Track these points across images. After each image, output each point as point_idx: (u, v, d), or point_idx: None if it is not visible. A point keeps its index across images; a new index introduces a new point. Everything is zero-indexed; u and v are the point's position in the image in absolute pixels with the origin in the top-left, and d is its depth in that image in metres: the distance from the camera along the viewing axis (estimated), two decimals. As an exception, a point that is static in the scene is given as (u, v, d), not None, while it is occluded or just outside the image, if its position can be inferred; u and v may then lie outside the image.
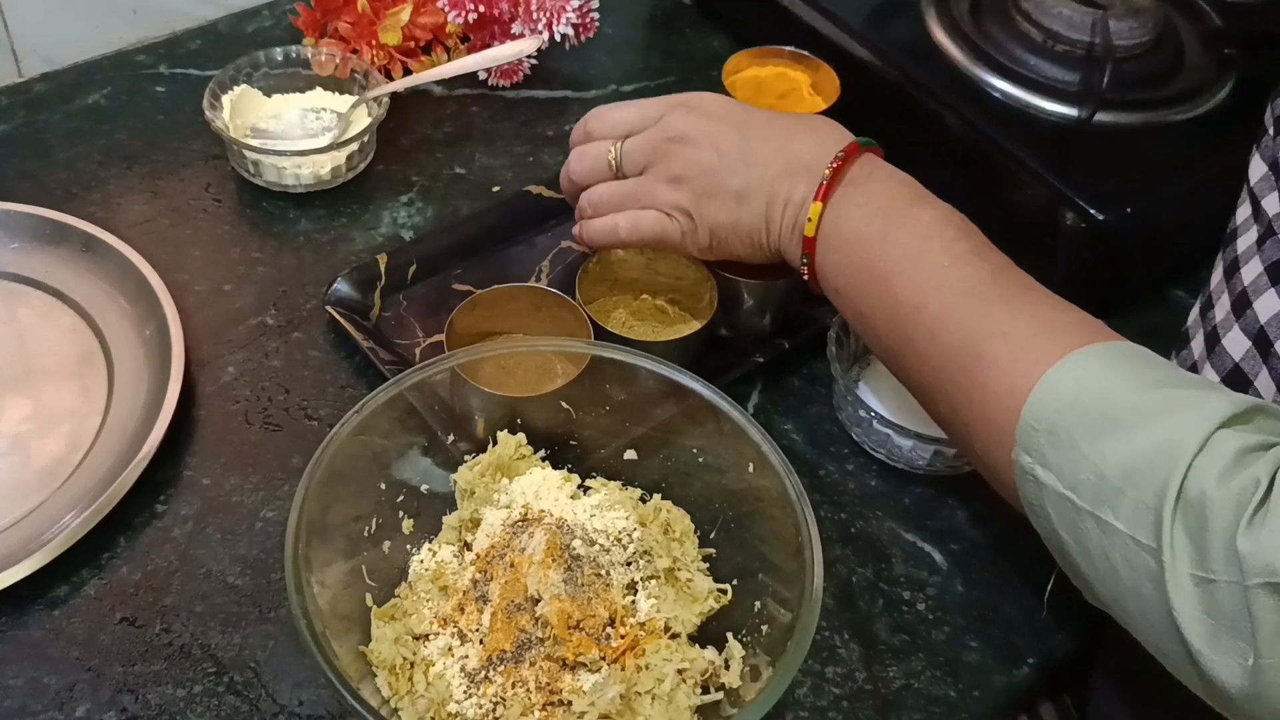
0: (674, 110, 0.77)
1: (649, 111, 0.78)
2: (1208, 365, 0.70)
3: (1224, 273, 0.71)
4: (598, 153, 0.78)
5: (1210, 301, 0.72)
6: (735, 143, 0.74)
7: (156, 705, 0.65)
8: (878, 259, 0.69)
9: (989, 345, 0.63)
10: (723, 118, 0.76)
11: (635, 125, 0.78)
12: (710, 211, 0.75)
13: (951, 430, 0.68)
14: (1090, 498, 0.56)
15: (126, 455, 0.73)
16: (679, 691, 0.63)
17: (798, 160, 0.73)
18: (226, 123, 0.93)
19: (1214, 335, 0.70)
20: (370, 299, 0.85)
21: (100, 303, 0.83)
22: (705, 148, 0.74)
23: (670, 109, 0.77)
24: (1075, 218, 0.85)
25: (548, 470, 0.72)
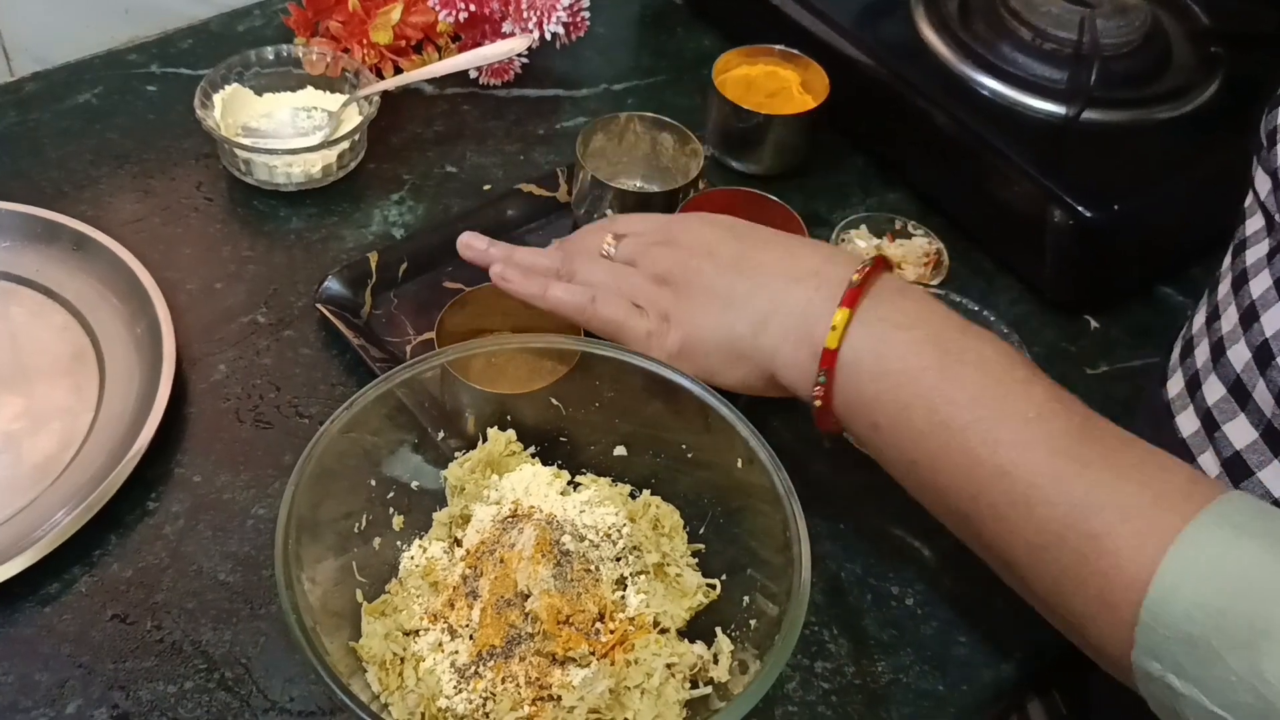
0: (679, 221, 0.75)
1: (657, 224, 0.76)
2: (1212, 375, 0.68)
3: (1232, 284, 0.68)
4: (597, 238, 0.76)
5: (1217, 312, 0.69)
6: (731, 247, 0.70)
7: (148, 702, 0.65)
8: (940, 401, 0.60)
9: (1103, 523, 0.55)
10: (724, 226, 0.73)
11: (643, 234, 0.76)
12: (690, 313, 0.69)
13: (1047, 608, 0.60)
14: (1248, 718, 0.49)
15: (118, 453, 0.74)
16: (668, 686, 0.63)
17: (804, 265, 0.67)
18: (218, 121, 0.93)
19: (1219, 346, 0.67)
20: (361, 297, 0.86)
21: (91, 301, 0.83)
22: (697, 249, 0.70)
23: (676, 220, 0.75)
24: (1064, 215, 0.86)
25: (538, 466, 0.72)
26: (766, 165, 0.99)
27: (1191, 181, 0.90)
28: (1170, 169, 0.90)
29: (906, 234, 0.93)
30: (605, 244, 0.75)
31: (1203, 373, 0.70)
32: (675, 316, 0.69)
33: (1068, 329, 0.92)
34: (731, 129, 0.98)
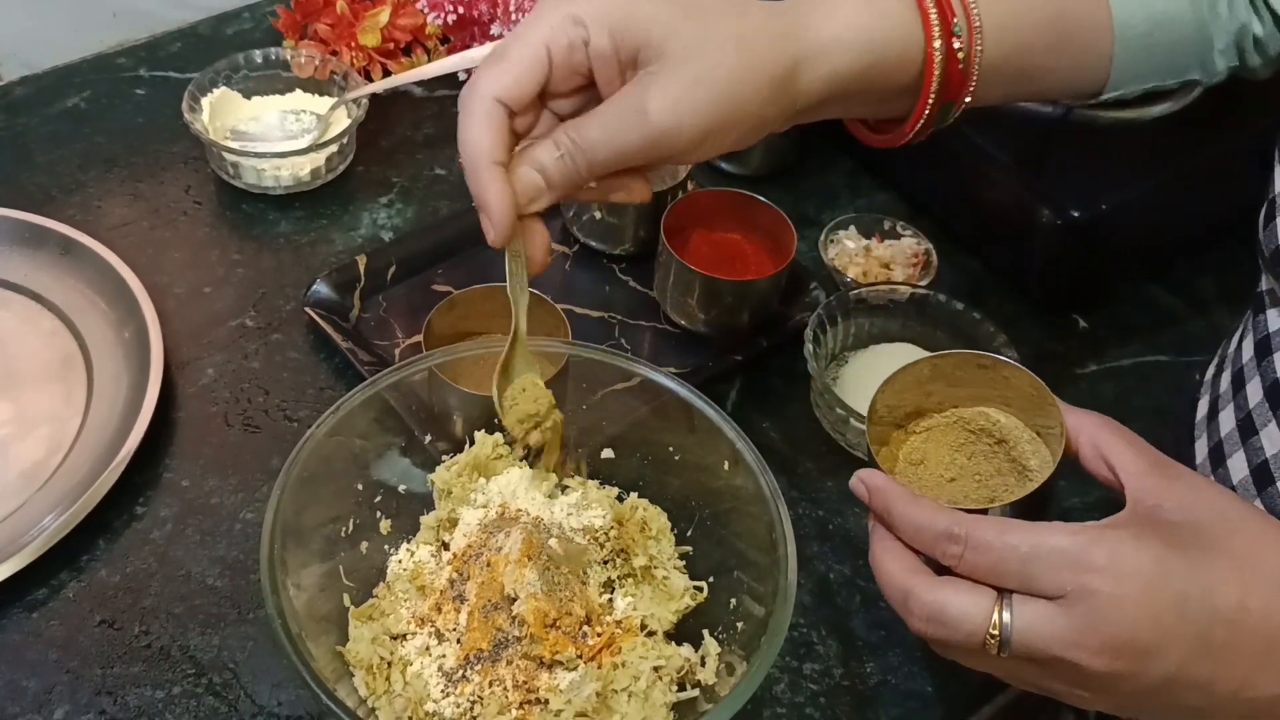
0: (1094, 594, 0.49)
1: (1045, 569, 0.50)
2: (1241, 452, 0.67)
3: (1266, 395, 0.65)
4: (966, 614, 0.51)
5: (1243, 377, 0.67)
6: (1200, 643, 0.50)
7: (135, 707, 0.65)
8: None
9: None
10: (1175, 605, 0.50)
11: (1019, 576, 0.51)
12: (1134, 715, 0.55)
13: None
14: None
15: (106, 457, 0.74)
16: (655, 689, 0.63)
17: None
18: (206, 125, 0.93)
19: (1249, 423, 0.66)
20: (349, 300, 0.86)
21: (80, 306, 0.83)
22: (1151, 662, 0.50)
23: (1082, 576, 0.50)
24: (1050, 215, 0.86)
25: (525, 470, 0.72)
26: (755, 166, 0.99)
27: (1177, 180, 0.90)
28: (1156, 169, 0.90)
29: (895, 234, 0.93)
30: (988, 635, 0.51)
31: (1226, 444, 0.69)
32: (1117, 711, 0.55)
33: (1056, 329, 0.92)
34: (720, 130, 0.98)
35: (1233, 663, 0.50)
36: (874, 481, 0.56)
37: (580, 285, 0.89)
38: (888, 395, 0.62)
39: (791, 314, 0.86)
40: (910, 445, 0.63)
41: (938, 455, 0.62)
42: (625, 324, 0.88)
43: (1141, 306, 0.94)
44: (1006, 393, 0.61)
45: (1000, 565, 0.51)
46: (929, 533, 0.53)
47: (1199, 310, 0.94)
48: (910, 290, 0.83)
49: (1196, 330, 0.93)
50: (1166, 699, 0.51)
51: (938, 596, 0.52)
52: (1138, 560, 0.50)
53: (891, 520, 0.55)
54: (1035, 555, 0.50)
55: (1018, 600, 0.51)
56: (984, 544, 0.51)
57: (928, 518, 0.53)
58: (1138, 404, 0.87)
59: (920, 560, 0.54)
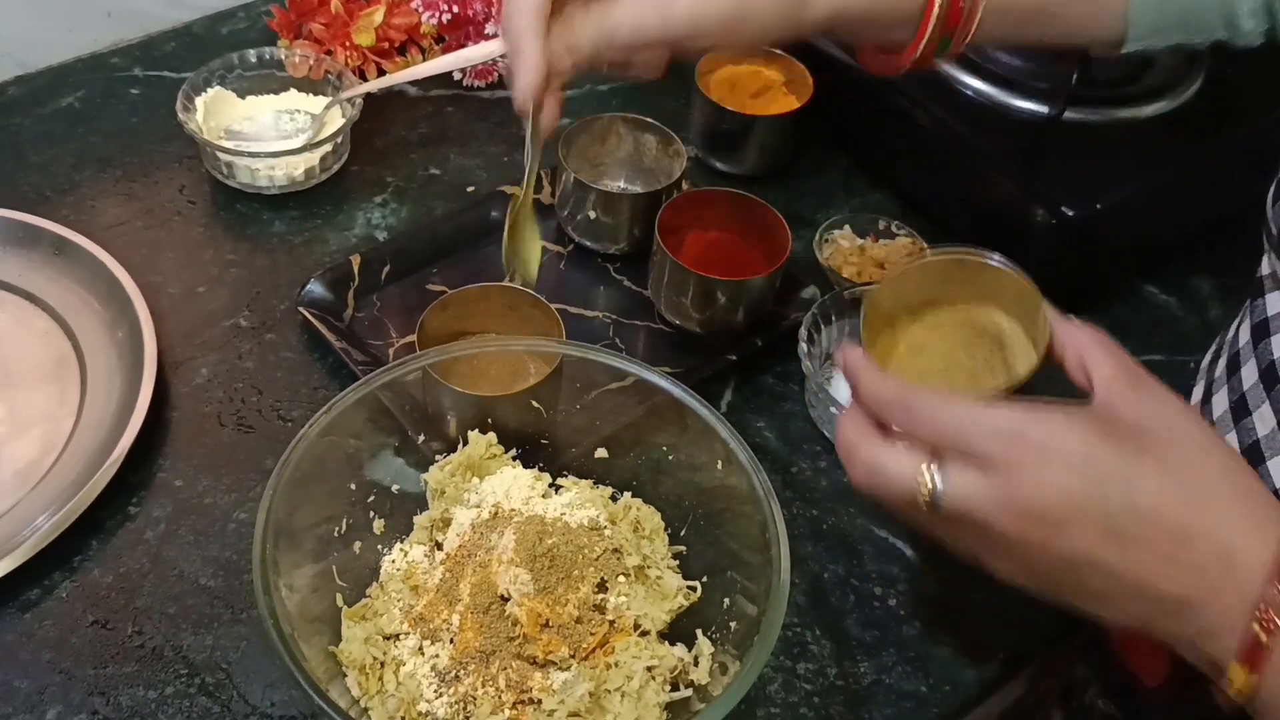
0: (1021, 454, 0.53)
1: (978, 438, 0.54)
2: (1232, 433, 0.67)
3: (1261, 376, 0.65)
4: (902, 471, 0.55)
5: (1238, 360, 0.67)
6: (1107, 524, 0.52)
7: (128, 707, 0.65)
8: None
9: None
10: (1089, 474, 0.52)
11: (958, 442, 0.54)
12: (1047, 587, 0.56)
13: None
14: None
15: (99, 457, 0.73)
16: (648, 689, 0.63)
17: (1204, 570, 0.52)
18: (200, 125, 0.93)
19: (1242, 405, 0.66)
20: (344, 300, 0.85)
21: (74, 306, 0.83)
22: (1061, 533, 0.53)
23: (1014, 449, 0.53)
24: (1045, 214, 0.86)
25: (519, 469, 0.72)
26: (750, 166, 0.99)
27: (1173, 180, 0.90)
28: (1152, 168, 0.89)
29: (890, 234, 0.93)
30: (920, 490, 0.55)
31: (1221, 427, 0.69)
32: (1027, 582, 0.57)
33: (1051, 328, 0.91)
34: (715, 130, 0.98)
35: (1138, 556, 0.52)
36: (849, 356, 0.61)
37: (574, 285, 0.89)
38: (898, 286, 0.66)
39: (786, 313, 0.86)
40: (914, 333, 0.66)
41: (939, 347, 0.65)
42: (620, 324, 0.88)
43: (1137, 305, 0.94)
44: (1012, 296, 0.64)
45: (940, 426, 0.55)
46: (881, 397, 0.58)
47: (1194, 309, 0.94)
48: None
49: (1192, 328, 0.92)
50: (1073, 577, 0.54)
51: (878, 452, 0.57)
52: (1070, 442, 0.53)
53: (857, 387, 0.59)
54: (974, 422, 0.54)
55: (950, 463, 0.54)
56: (928, 407, 0.56)
57: (880, 385, 0.58)
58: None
59: (875, 427, 0.58)
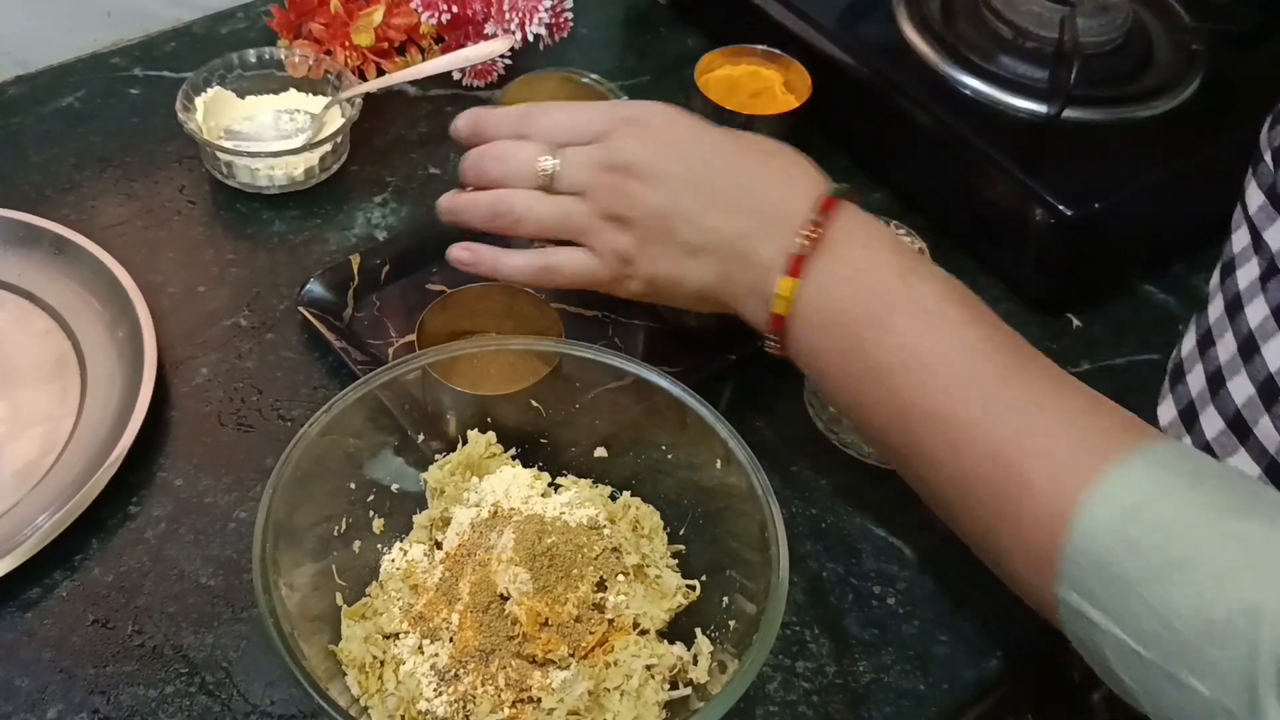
0: (621, 128, 0.68)
1: (590, 122, 0.69)
2: (1210, 408, 0.67)
3: (1225, 308, 0.66)
4: (525, 157, 0.70)
5: (1211, 337, 0.67)
6: (690, 181, 0.66)
7: (128, 706, 0.65)
8: (873, 348, 0.61)
9: (1024, 463, 0.56)
10: (676, 144, 0.67)
11: (572, 134, 0.69)
12: (654, 261, 0.68)
13: (978, 547, 0.62)
14: (1160, 651, 0.50)
15: (99, 457, 0.74)
16: (647, 687, 0.63)
17: (763, 212, 0.66)
18: (200, 124, 0.93)
19: (1218, 377, 0.66)
20: (343, 300, 0.86)
21: (74, 306, 0.83)
22: (656, 186, 0.66)
23: (616, 125, 0.68)
24: (1045, 214, 0.86)
25: (518, 469, 0.72)
26: (749, 165, 0.99)
27: (1172, 179, 0.90)
28: (1151, 167, 0.90)
29: (889, 233, 0.93)
30: (540, 164, 0.70)
31: (1199, 402, 0.68)
32: (639, 261, 0.69)
33: (1050, 327, 0.92)
34: (714, 129, 0.98)
35: (717, 204, 0.66)
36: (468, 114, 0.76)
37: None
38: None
39: (785, 313, 0.86)
40: None
41: None
42: (618, 323, 0.88)
43: (1136, 305, 0.94)
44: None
45: (557, 117, 0.71)
46: (504, 120, 0.73)
47: (1193, 309, 0.94)
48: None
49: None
50: (666, 227, 0.67)
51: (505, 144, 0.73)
52: (665, 113, 0.70)
53: (481, 128, 0.75)
54: (592, 111, 0.71)
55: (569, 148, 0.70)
56: (550, 109, 0.73)
57: (502, 113, 0.74)
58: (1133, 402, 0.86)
59: None
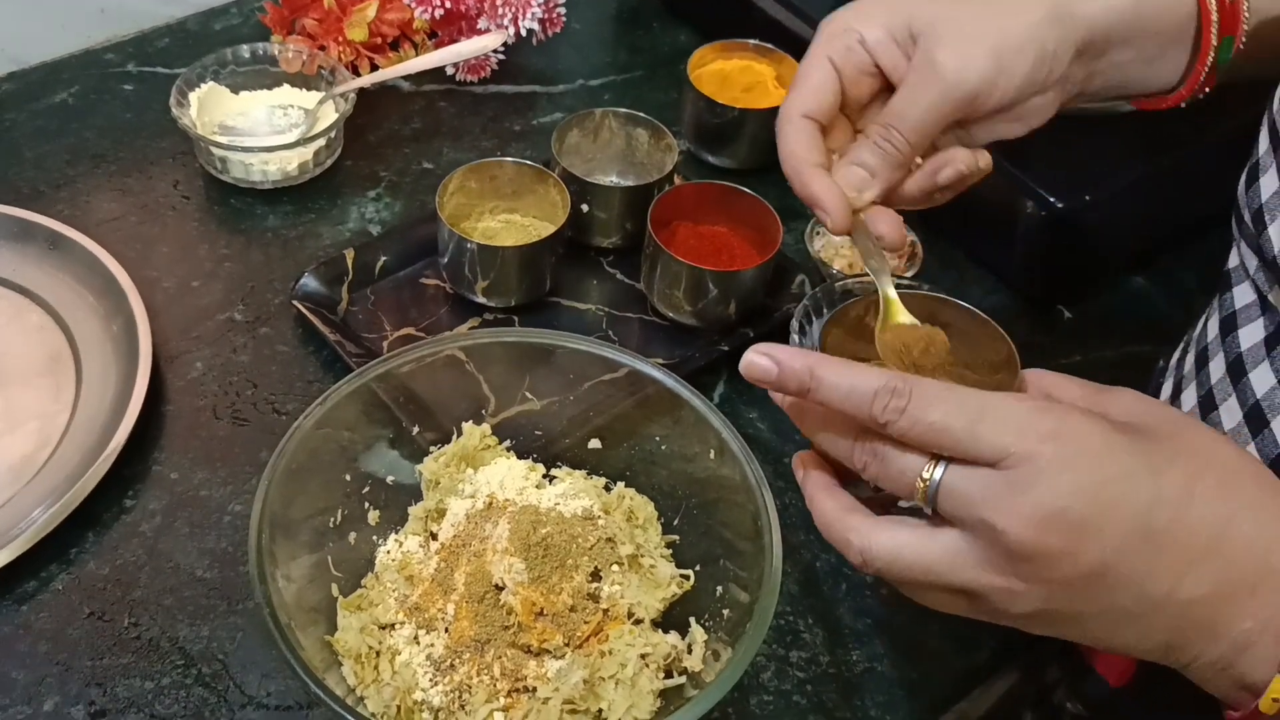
0: (1032, 459, 0.47)
1: (984, 438, 0.48)
2: None
3: (1229, 371, 0.64)
4: (904, 467, 0.50)
5: (1213, 399, 0.65)
6: (1135, 529, 0.47)
7: (125, 698, 0.66)
8: None
9: None
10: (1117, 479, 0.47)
11: (956, 446, 0.48)
12: (1064, 622, 0.51)
13: None
14: None
15: (94, 451, 0.74)
16: (642, 676, 0.63)
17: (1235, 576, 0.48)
18: (194, 120, 0.93)
19: (1209, 399, 0.65)
20: (338, 294, 0.86)
21: (68, 301, 0.83)
22: (1084, 540, 0.47)
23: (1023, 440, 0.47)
24: (1035, 206, 0.86)
25: (512, 460, 0.72)
26: (741, 160, 0.99)
27: (1162, 172, 0.90)
28: (1141, 160, 0.90)
29: (881, 227, 0.93)
30: (918, 485, 0.50)
31: None
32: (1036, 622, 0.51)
33: (1040, 320, 0.92)
34: (706, 124, 0.98)
35: (1171, 553, 0.47)
36: (781, 354, 0.52)
37: (566, 278, 0.89)
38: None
39: (778, 305, 0.87)
40: None
41: None
42: (612, 316, 0.88)
43: (1124, 298, 0.95)
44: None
45: (944, 420, 0.48)
46: (865, 390, 0.50)
47: (1181, 302, 0.95)
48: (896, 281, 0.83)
49: (1177, 322, 0.93)
50: (1096, 592, 0.48)
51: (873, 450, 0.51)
52: (1086, 431, 0.48)
53: (819, 388, 0.51)
54: (984, 414, 0.48)
55: (953, 464, 0.49)
56: (929, 397, 0.49)
57: (862, 376, 0.50)
58: (1122, 394, 0.87)
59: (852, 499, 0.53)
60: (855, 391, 0.50)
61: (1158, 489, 0.47)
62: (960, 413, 0.48)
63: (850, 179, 0.63)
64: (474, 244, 0.83)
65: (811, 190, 0.63)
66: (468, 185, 0.87)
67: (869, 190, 0.64)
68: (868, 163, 0.63)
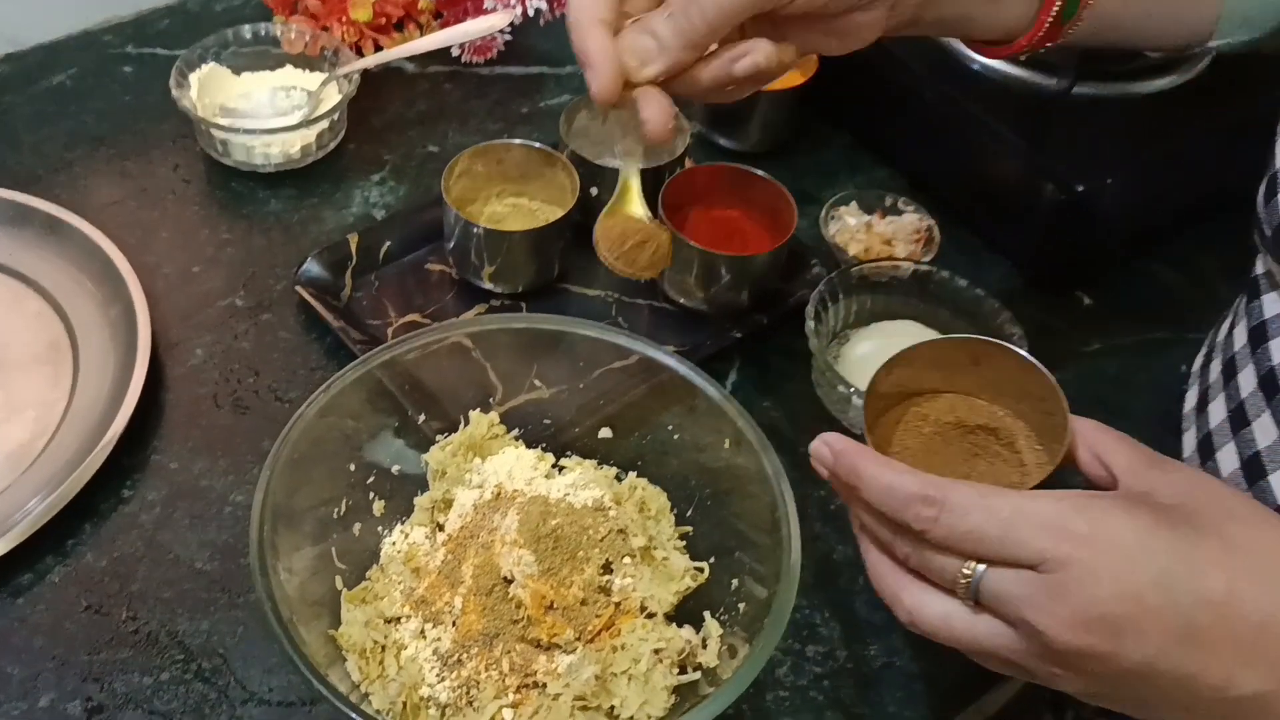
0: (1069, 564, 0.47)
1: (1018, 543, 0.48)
2: (1231, 444, 0.65)
3: (1260, 384, 0.62)
4: (944, 565, 0.50)
5: (1234, 366, 0.64)
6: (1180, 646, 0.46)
7: (123, 694, 0.64)
8: None
9: None
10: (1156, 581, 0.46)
11: (992, 553, 0.49)
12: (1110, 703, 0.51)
13: None
14: None
15: (92, 440, 0.72)
16: (655, 672, 0.62)
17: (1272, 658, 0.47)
18: (194, 102, 0.91)
19: (1256, 463, 0.62)
20: (341, 279, 0.84)
21: (67, 287, 0.82)
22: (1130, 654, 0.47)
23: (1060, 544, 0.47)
24: (1054, 190, 0.84)
25: (521, 449, 0.71)
26: (754, 142, 0.98)
27: (1182, 155, 0.88)
28: (1161, 142, 0.88)
29: (897, 210, 0.91)
30: (960, 580, 0.50)
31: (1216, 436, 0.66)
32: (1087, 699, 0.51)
33: (1059, 306, 0.90)
34: (718, 105, 0.96)
35: (1217, 653, 0.46)
36: (839, 445, 0.53)
37: (575, 263, 0.87)
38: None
39: (792, 291, 0.85)
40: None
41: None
42: (622, 302, 0.86)
43: (1143, 282, 0.93)
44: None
45: (978, 530, 0.48)
46: (900, 495, 0.50)
47: (1202, 286, 0.93)
48: (913, 267, 0.82)
49: (1199, 306, 0.91)
50: (1144, 689, 0.48)
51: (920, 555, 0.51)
52: (1121, 530, 0.47)
53: (860, 483, 0.52)
54: (1016, 520, 0.48)
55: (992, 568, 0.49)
56: (961, 507, 0.49)
57: (900, 479, 0.51)
58: (1140, 381, 0.86)
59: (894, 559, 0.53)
60: (892, 494, 0.51)
61: (1199, 590, 0.46)
62: (993, 521, 0.48)
63: (635, 46, 0.57)
64: (480, 228, 0.81)
65: (586, 46, 0.56)
66: (474, 168, 0.85)
67: (652, 65, 0.57)
68: (659, 32, 0.56)
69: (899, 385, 0.61)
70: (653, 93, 0.58)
